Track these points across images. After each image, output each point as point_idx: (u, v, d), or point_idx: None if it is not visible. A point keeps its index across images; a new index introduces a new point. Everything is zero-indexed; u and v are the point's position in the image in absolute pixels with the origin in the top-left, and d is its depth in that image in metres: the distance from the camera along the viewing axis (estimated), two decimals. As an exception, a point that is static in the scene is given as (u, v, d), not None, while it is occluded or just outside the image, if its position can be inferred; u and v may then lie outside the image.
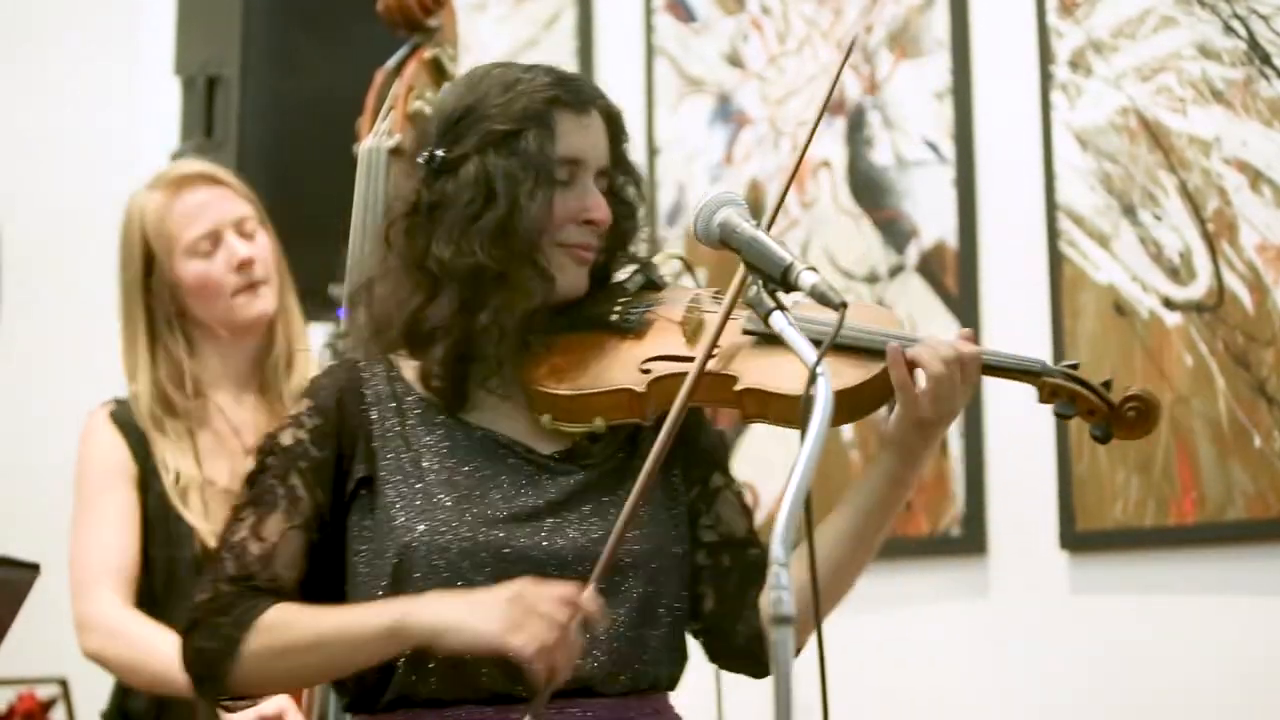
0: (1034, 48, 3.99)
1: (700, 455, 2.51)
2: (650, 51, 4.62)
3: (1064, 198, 3.93)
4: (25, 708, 4.63)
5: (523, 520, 2.39)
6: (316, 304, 3.98)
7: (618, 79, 4.69)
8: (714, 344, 2.35)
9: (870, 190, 4.24)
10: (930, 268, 4.13)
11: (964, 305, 4.06)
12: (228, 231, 3.52)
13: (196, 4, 4.48)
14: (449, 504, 2.37)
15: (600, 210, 2.44)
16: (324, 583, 2.42)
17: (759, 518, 4.25)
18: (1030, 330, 3.95)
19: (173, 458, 3.44)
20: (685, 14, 4.57)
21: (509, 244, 2.39)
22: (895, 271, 4.18)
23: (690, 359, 2.37)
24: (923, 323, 4.10)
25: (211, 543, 3.34)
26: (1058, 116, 3.95)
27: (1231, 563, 3.70)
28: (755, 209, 4.20)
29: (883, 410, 2.44)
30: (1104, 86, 3.89)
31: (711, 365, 2.37)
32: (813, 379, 2.15)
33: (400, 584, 2.35)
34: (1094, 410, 2.37)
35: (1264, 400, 3.64)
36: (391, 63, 3.55)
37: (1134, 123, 3.85)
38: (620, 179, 2.50)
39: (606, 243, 2.48)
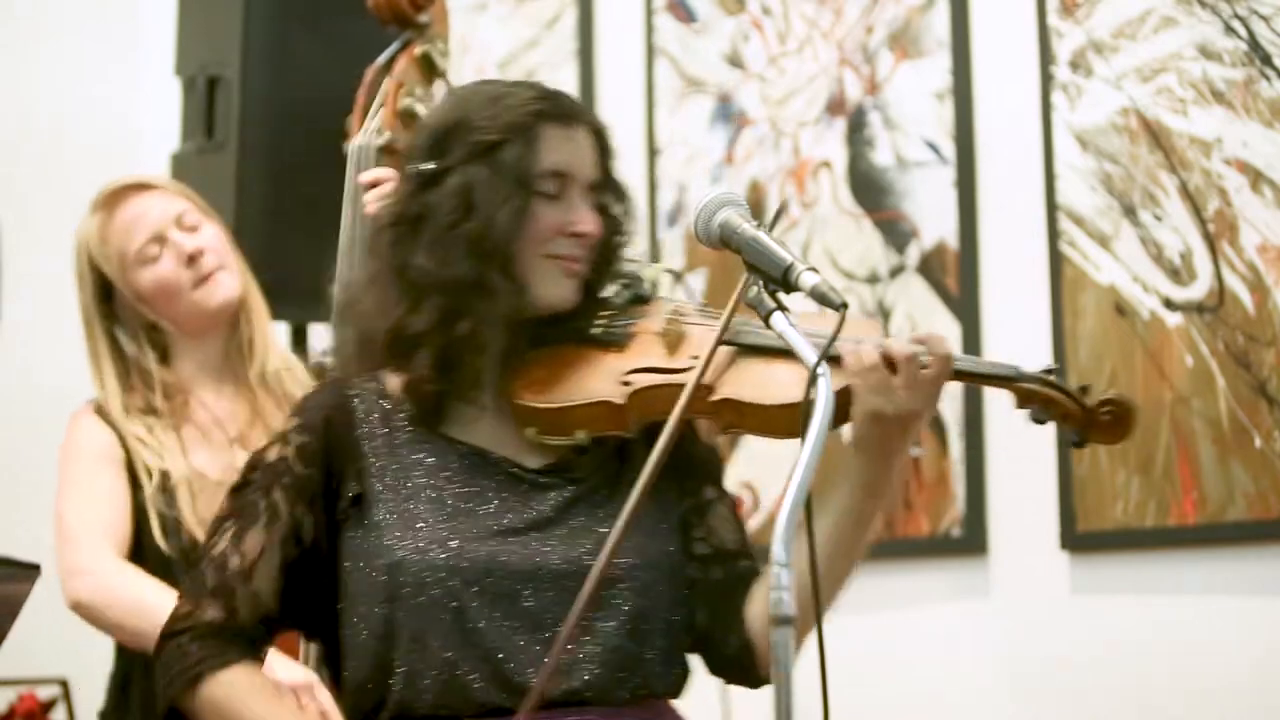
0: (1034, 48, 3.99)
1: (693, 468, 2.51)
2: (650, 52, 4.62)
3: (1065, 198, 3.93)
4: (25, 708, 4.63)
5: (512, 535, 2.39)
6: (316, 304, 3.98)
7: (618, 79, 4.69)
8: (710, 359, 2.35)
9: (871, 191, 4.24)
10: (931, 268, 4.13)
11: (965, 306, 4.06)
12: (170, 230, 3.54)
13: (196, 4, 4.48)
14: (438, 522, 2.38)
15: (588, 223, 2.46)
16: (305, 597, 2.44)
17: (759, 518, 4.26)
18: (1031, 331, 3.95)
19: (155, 458, 3.46)
20: (686, 14, 4.57)
21: (486, 254, 2.40)
22: (896, 272, 4.18)
23: (671, 370, 2.39)
24: (923, 323, 4.10)
25: (200, 534, 3.36)
26: (1058, 117, 3.95)
27: (1232, 563, 3.70)
28: (756, 209, 4.21)
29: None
30: (1105, 87, 3.89)
31: (689, 377, 2.37)
32: (813, 380, 2.15)
33: (393, 601, 2.36)
34: (1069, 415, 2.36)
35: (1265, 400, 3.64)
36: (382, 59, 3.55)
37: (1135, 123, 3.85)
38: (608, 195, 2.52)
39: (595, 256, 2.49)
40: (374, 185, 3.38)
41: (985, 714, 3.97)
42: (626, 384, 2.41)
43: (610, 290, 2.54)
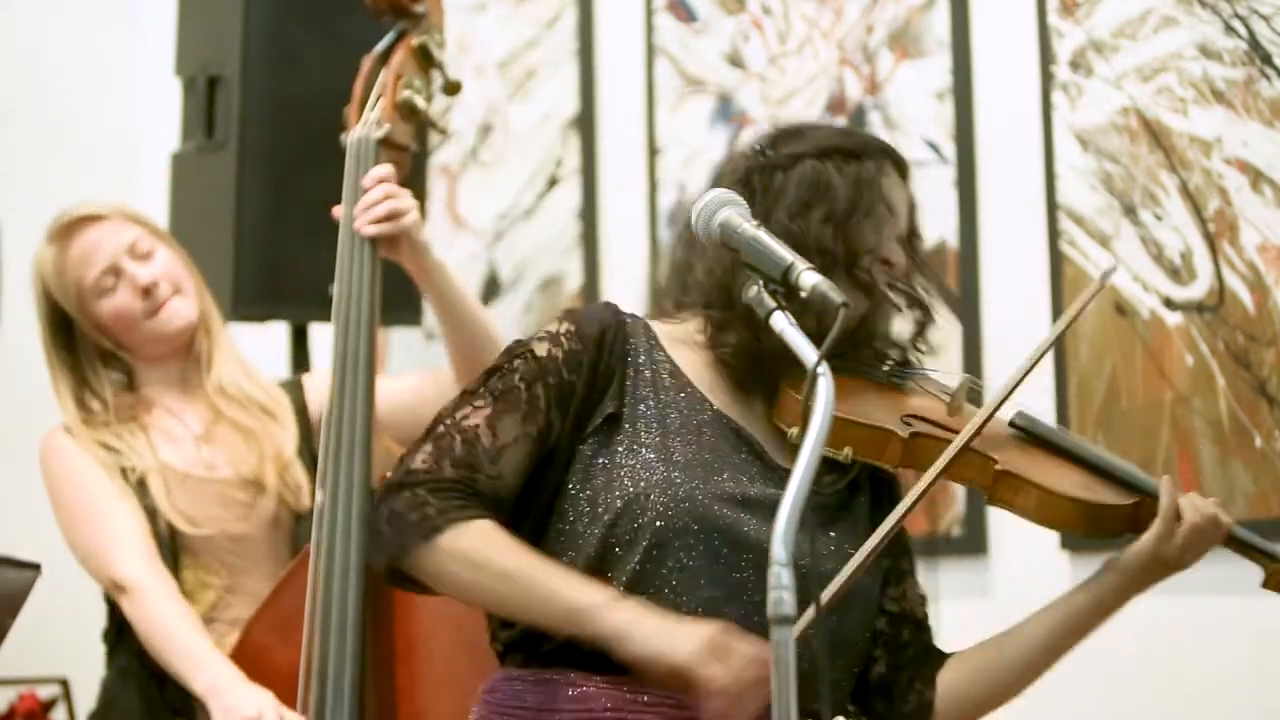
0: (1035, 48, 3.99)
1: (902, 542, 2.58)
2: (651, 51, 4.62)
3: (1065, 198, 3.93)
4: (26, 708, 4.63)
5: (753, 507, 2.39)
6: (316, 304, 3.98)
7: (618, 79, 4.69)
8: (986, 422, 2.44)
9: (871, 190, 4.24)
10: (931, 268, 4.13)
11: (965, 305, 4.06)
12: (124, 260, 3.58)
13: (196, 4, 4.48)
14: (684, 467, 2.37)
15: (897, 255, 2.53)
16: (525, 502, 2.40)
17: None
18: (1031, 331, 3.94)
19: (126, 459, 3.50)
20: (686, 14, 4.57)
21: (841, 241, 2.46)
22: (896, 271, 4.18)
23: (954, 430, 2.45)
24: (923, 323, 4.10)
25: (179, 523, 3.41)
26: (1059, 117, 3.95)
27: (1232, 563, 3.69)
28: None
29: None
30: (1105, 87, 3.89)
31: (976, 443, 2.45)
32: (813, 381, 2.15)
33: (616, 530, 2.34)
34: None
35: (1265, 400, 3.64)
36: (378, 49, 3.55)
37: (1135, 123, 3.85)
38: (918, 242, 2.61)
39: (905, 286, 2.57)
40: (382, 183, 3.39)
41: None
42: (909, 424, 2.46)
43: (901, 341, 2.60)
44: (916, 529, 4.07)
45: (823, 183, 2.48)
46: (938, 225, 4.13)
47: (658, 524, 2.34)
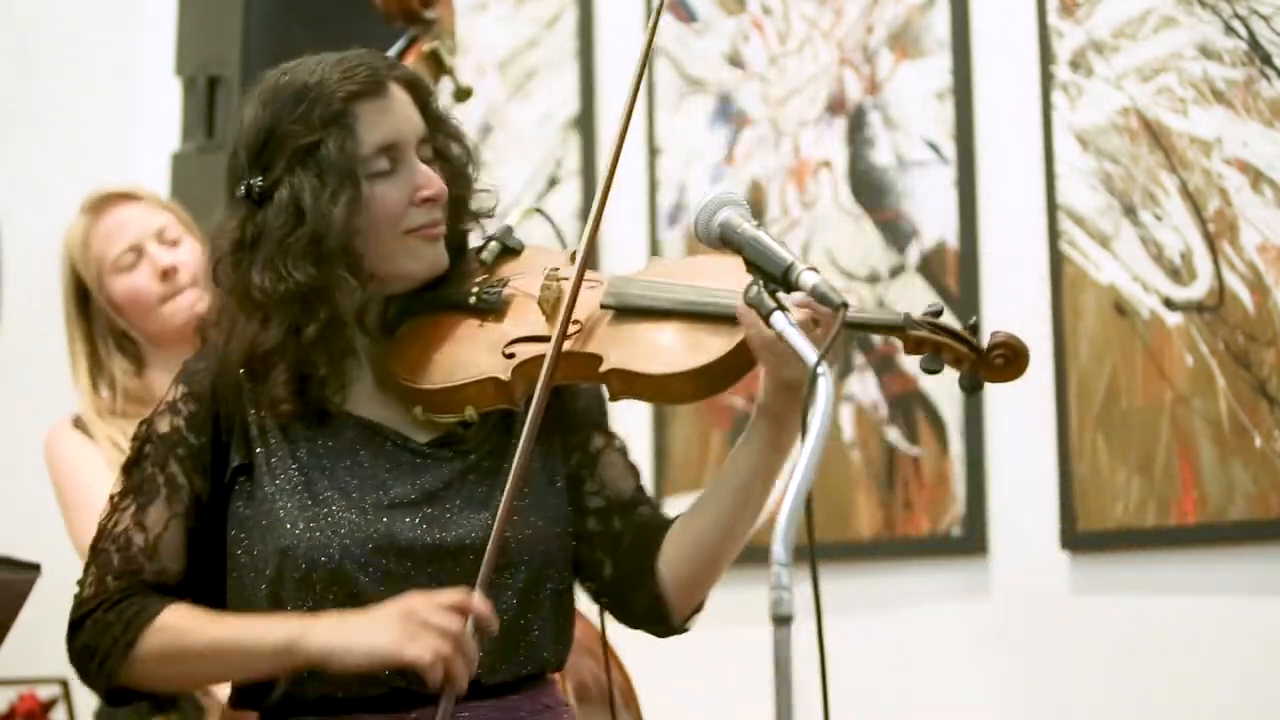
0: (1035, 48, 3.99)
1: (576, 420, 2.50)
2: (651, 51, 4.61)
3: (1065, 198, 3.93)
4: (26, 708, 4.63)
5: (403, 509, 2.37)
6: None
7: (618, 79, 4.68)
8: (565, 324, 2.35)
9: (871, 190, 4.24)
10: (931, 268, 4.13)
11: (965, 305, 4.05)
12: (149, 243, 3.58)
13: (196, 4, 4.48)
14: (326, 499, 2.36)
15: (432, 185, 2.41)
16: (205, 570, 2.41)
17: (759, 518, 4.26)
18: (1031, 330, 3.94)
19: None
20: (686, 14, 4.56)
21: (326, 256, 2.36)
22: (896, 272, 4.18)
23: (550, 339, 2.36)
24: (923, 323, 4.10)
25: None
26: (1058, 117, 3.95)
27: (1232, 563, 3.70)
28: (756, 209, 4.21)
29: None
30: (1105, 87, 3.89)
31: (571, 345, 2.37)
32: (813, 381, 2.15)
33: (282, 580, 2.35)
34: (960, 359, 2.32)
35: (1265, 400, 3.64)
36: (390, 55, 3.54)
37: (1135, 123, 3.85)
38: (440, 139, 2.47)
39: (450, 210, 2.45)
40: None
41: (985, 714, 3.97)
42: (510, 356, 2.40)
43: (477, 241, 2.51)
44: (916, 529, 4.08)
45: (299, 205, 2.37)
46: (938, 225, 4.13)
47: (316, 569, 2.34)
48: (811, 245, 4.28)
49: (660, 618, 2.47)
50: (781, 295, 2.29)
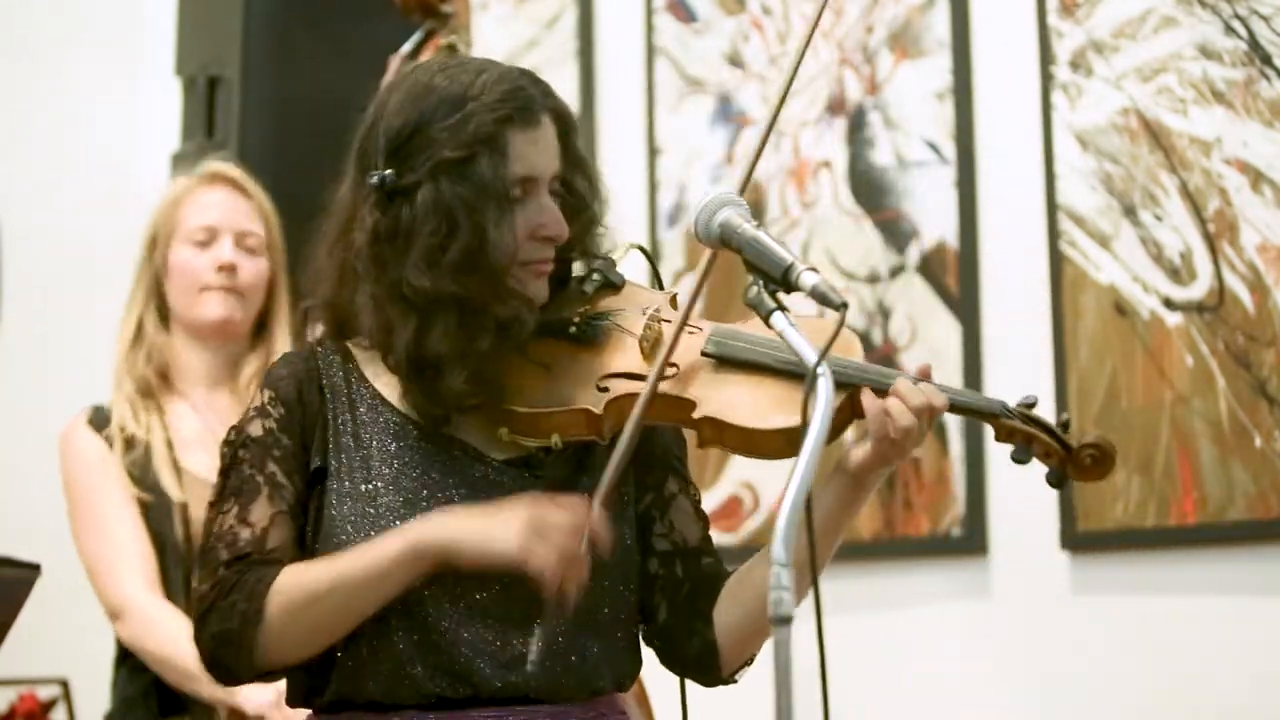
0: (1035, 48, 3.99)
1: (654, 461, 2.50)
2: (651, 51, 4.62)
3: (1065, 198, 3.93)
4: (26, 708, 4.63)
5: None
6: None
7: (618, 79, 4.69)
8: (663, 366, 2.35)
9: (871, 191, 4.24)
10: (931, 268, 4.13)
11: (965, 305, 4.06)
12: (227, 235, 3.55)
13: (196, 4, 4.49)
14: (394, 508, 2.36)
15: (556, 226, 2.41)
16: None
17: (759, 518, 4.26)
18: (1031, 330, 3.95)
19: (145, 461, 3.47)
20: (686, 14, 4.57)
21: (481, 272, 2.35)
22: (896, 272, 4.18)
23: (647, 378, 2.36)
24: (924, 323, 4.10)
25: (195, 531, 3.38)
26: (1058, 117, 3.95)
27: (1232, 563, 3.70)
28: (756, 209, 4.20)
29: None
30: (1105, 87, 3.89)
31: (668, 387, 2.36)
32: (813, 381, 2.15)
33: None
34: (1050, 453, 2.38)
35: (1265, 400, 3.64)
36: (407, 48, 3.55)
37: (1135, 123, 3.85)
38: (574, 176, 2.47)
39: (564, 244, 2.45)
40: None
41: (985, 714, 3.97)
42: (604, 390, 2.39)
43: (580, 270, 2.51)
44: (916, 529, 4.08)
45: (451, 214, 2.36)
46: (938, 225, 4.13)
47: None
48: (811, 245, 4.29)
49: (710, 667, 2.47)
50: (782, 296, 2.30)
